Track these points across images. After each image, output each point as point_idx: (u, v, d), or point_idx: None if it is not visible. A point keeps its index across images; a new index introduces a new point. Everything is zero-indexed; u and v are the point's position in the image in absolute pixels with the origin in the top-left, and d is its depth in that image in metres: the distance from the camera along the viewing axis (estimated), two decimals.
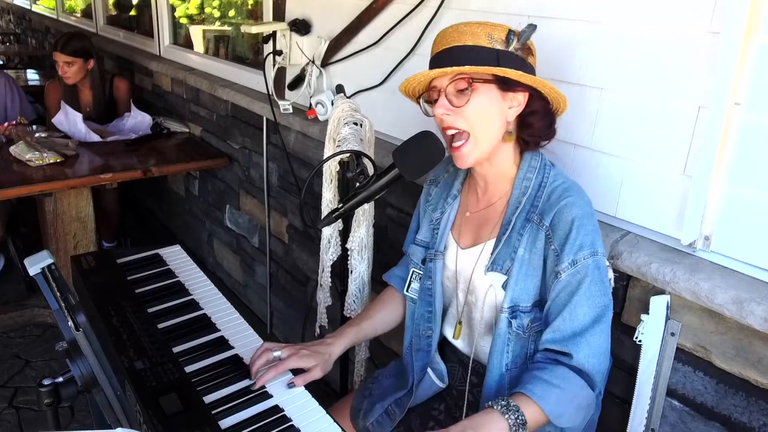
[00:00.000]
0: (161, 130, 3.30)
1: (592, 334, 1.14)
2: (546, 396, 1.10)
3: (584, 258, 1.14)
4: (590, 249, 1.14)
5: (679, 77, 1.26)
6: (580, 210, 1.16)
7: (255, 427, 1.09)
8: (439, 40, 1.19)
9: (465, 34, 1.14)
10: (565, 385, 1.12)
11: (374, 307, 1.49)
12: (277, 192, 2.75)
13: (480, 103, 1.15)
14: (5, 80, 3.36)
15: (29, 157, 2.63)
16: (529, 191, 1.21)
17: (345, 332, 1.38)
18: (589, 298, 1.14)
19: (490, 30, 1.14)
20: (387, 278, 1.53)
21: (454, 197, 1.35)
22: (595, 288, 1.14)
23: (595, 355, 1.14)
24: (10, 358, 2.75)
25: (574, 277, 1.14)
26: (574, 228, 1.14)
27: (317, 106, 2.25)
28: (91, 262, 1.53)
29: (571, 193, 1.18)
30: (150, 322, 1.31)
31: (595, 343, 1.14)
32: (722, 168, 1.21)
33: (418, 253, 1.40)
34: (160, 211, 4.13)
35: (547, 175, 1.22)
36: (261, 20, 2.76)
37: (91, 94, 3.32)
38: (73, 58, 3.14)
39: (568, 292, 1.15)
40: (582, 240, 1.14)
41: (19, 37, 7.40)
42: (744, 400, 1.22)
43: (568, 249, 1.14)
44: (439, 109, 1.16)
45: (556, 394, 1.10)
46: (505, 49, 1.14)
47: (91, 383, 1.11)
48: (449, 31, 1.17)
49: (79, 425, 2.31)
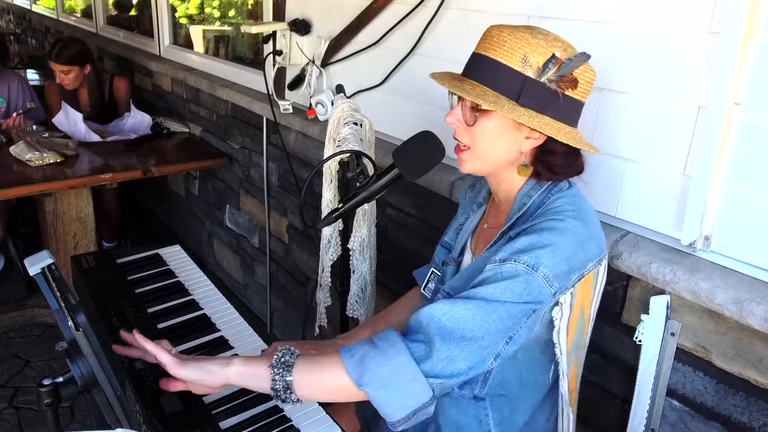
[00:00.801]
0: (161, 130, 3.30)
1: (462, 301, 1.00)
2: (353, 348, 1.01)
3: (516, 261, 1.00)
4: (533, 260, 0.99)
5: (679, 77, 1.26)
6: (555, 234, 1.02)
7: (255, 428, 1.10)
8: (483, 39, 1.10)
9: (504, 46, 1.04)
10: (382, 345, 0.99)
11: (395, 309, 1.46)
12: (277, 192, 2.75)
13: (487, 128, 1.09)
14: (18, 81, 3.37)
15: (29, 157, 2.63)
16: (526, 208, 1.12)
17: (358, 335, 1.36)
18: (490, 289, 1.00)
19: (530, 51, 1.03)
20: (415, 275, 1.50)
21: (479, 205, 1.32)
22: (498, 287, 0.99)
23: (444, 313, 0.99)
24: (10, 358, 2.75)
25: (490, 272, 1.02)
26: (535, 233, 1.02)
27: (317, 106, 2.25)
28: (91, 262, 1.53)
29: (562, 216, 1.05)
30: (150, 322, 1.31)
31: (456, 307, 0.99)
32: (722, 168, 1.21)
33: (440, 254, 1.37)
34: (160, 211, 4.13)
35: (552, 195, 1.11)
36: (261, 20, 2.76)
37: (89, 95, 3.32)
38: (69, 66, 3.13)
39: (473, 277, 1.05)
40: (530, 246, 1.01)
41: (19, 37, 7.40)
42: (744, 400, 1.22)
43: (508, 247, 1.03)
44: (449, 118, 1.13)
45: (365, 350, 1.00)
46: (535, 78, 1.03)
47: (91, 383, 1.11)
48: (493, 34, 1.07)
49: (79, 425, 2.31)
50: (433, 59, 1.85)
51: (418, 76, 1.92)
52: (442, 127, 1.25)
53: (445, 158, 1.31)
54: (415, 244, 2.01)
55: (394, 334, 1.02)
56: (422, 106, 1.92)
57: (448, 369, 0.98)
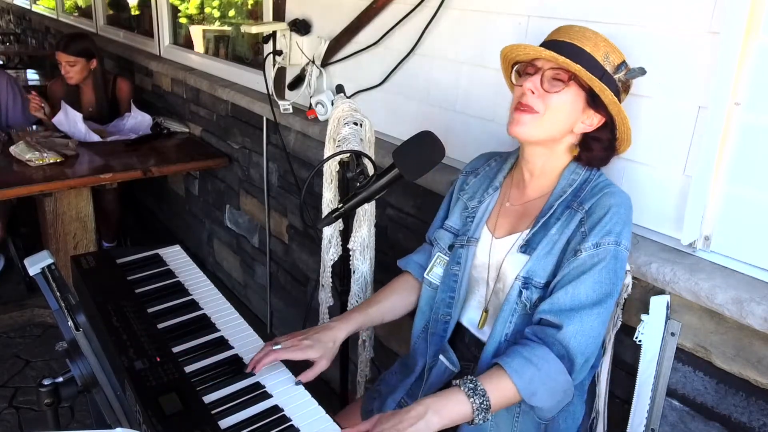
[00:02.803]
0: (161, 130, 3.30)
1: (588, 315, 1.14)
2: (521, 371, 1.10)
3: (608, 243, 1.15)
4: (616, 237, 1.15)
5: (679, 77, 1.26)
6: (619, 199, 1.18)
7: (255, 427, 1.09)
8: (563, 32, 1.21)
9: (588, 41, 1.18)
10: (543, 365, 1.12)
11: (384, 292, 1.47)
12: (277, 192, 2.75)
13: (565, 100, 1.18)
14: (6, 80, 3.36)
15: (29, 158, 2.63)
16: (576, 183, 1.24)
17: (351, 317, 1.36)
18: (597, 281, 1.14)
19: (610, 50, 1.19)
20: (403, 264, 1.51)
21: (495, 188, 1.36)
22: (606, 274, 1.15)
23: (583, 334, 1.13)
24: (10, 358, 2.75)
25: (591, 258, 1.15)
26: (608, 214, 1.16)
27: (317, 106, 2.25)
28: (91, 262, 1.53)
29: (614, 188, 1.21)
30: (150, 322, 1.31)
31: (587, 323, 1.14)
32: (722, 168, 1.21)
33: (446, 239, 1.39)
34: (160, 211, 4.13)
35: (594, 174, 1.25)
36: (261, 20, 2.76)
37: (93, 93, 3.32)
38: (75, 58, 3.15)
39: (579, 270, 1.15)
40: (612, 227, 1.15)
41: (19, 37, 7.40)
42: (744, 400, 1.21)
43: (597, 231, 1.16)
44: (529, 84, 1.18)
45: (531, 372, 1.11)
46: (612, 73, 1.18)
47: (91, 383, 1.11)
48: (576, 29, 1.20)
49: (79, 425, 2.31)
50: (433, 59, 1.86)
51: (418, 76, 1.92)
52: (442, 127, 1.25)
53: (445, 158, 1.31)
54: (415, 244, 2.00)
55: (552, 358, 1.13)
56: (422, 106, 1.92)
57: (586, 369, 1.18)
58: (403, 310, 1.48)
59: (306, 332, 1.27)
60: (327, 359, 1.24)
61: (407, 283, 1.49)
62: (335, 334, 1.29)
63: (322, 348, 1.24)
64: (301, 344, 1.23)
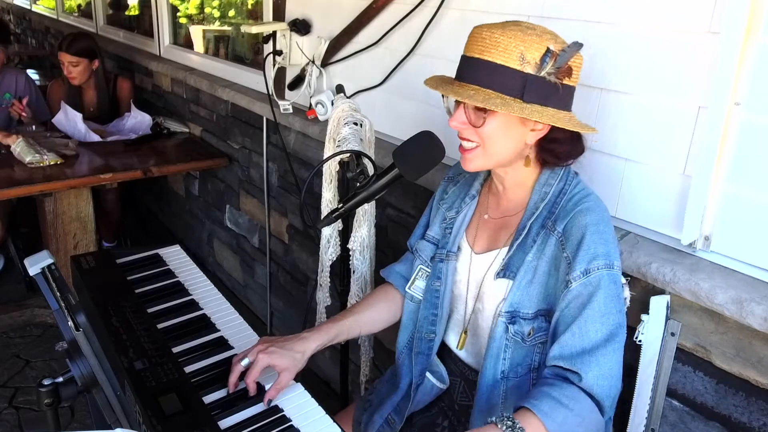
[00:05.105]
0: (161, 130, 3.30)
1: (603, 354, 1.07)
2: (552, 414, 1.03)
3: (598, 268, 1.08)
4: (605, 260, 1.09)
5: (679, 77, 1.26)
6: (596, 216, 1.11)
7: (254, 428, 1.10)
8: (473, 42, 1.12)
9: (498, 47, 1.06)
10: (575, 406, 1.05)
11: (362, 304, 1.41)
12: (277, 192, 2.75)
13: (496, 127, 1.11)
14: (25, 79, 3.39)
15: (30, 160, 2.63)
16: (549, 197, 1.18)
17: (325, 328, 1.29)
18: (603, 314, 1.08)
19: (525, 48, 1.06)
20: (385, 274, 1.46)
21: (473, 197, 1.31)
22: (609, 303, 1.08)
23: (605, 377, 1.07)
24: (10, 358, 2.75)
25: (585, 288, 1.09)
26: (588, 234, 1.09)
27: (317, 106, 2.25)
28: (91, 262, 1.53)
29: (588, 202, 1.14)
30: (150, 322, 1.31)
31: (606, 364, 1.07)
32: (722, 168, 1.21)
33: (427, 250, 1.34)
34: (160, 211, 4.13)
35: (570, 183, 1.18)
36: (261, 20, 2.76)
37: (95, 94, 3.33)
38: (78, 58, 3.15)
39: (579, 304, 1.09)
40: (596, 249, 1.09)
41: (19, 37, 7.40)
42: (744, 400, 1.21)
43: (581, 257, 1.09)
44: (453, 122, 1.13)
45: (564, 414, 1.04)
46: (535, 73, 1.06)
47: (91, 383, 1.11)
48: (485, 34, 1.09)
49: (79, 425, 2.31)
50: (433, 59, 1.85)
51: (418, 76, 1.92)
52: (442, 127, 1.25)
53: (445, 158, 1.31)
54: None
55: (583, 397, 1.07)
56: (422, 106, 1.92)
57: (614, 405, 1.13)
58: (383, 323, 1.42)
59: (275, 340, 1.21)
60: (291, 372, 1.18)
61: (388, 295, 1.44)
62: (306, 345, 1.23)
63: (289, 358, 1.18)
64: (268, 350, 1.17)
